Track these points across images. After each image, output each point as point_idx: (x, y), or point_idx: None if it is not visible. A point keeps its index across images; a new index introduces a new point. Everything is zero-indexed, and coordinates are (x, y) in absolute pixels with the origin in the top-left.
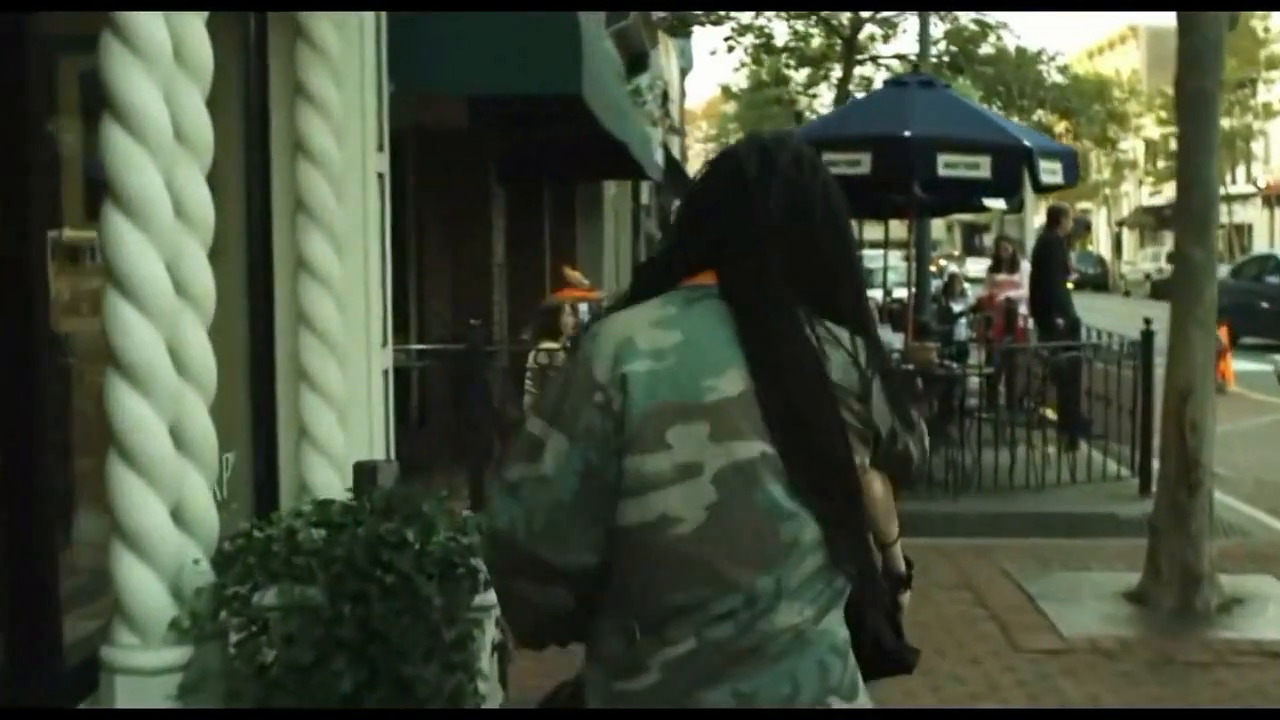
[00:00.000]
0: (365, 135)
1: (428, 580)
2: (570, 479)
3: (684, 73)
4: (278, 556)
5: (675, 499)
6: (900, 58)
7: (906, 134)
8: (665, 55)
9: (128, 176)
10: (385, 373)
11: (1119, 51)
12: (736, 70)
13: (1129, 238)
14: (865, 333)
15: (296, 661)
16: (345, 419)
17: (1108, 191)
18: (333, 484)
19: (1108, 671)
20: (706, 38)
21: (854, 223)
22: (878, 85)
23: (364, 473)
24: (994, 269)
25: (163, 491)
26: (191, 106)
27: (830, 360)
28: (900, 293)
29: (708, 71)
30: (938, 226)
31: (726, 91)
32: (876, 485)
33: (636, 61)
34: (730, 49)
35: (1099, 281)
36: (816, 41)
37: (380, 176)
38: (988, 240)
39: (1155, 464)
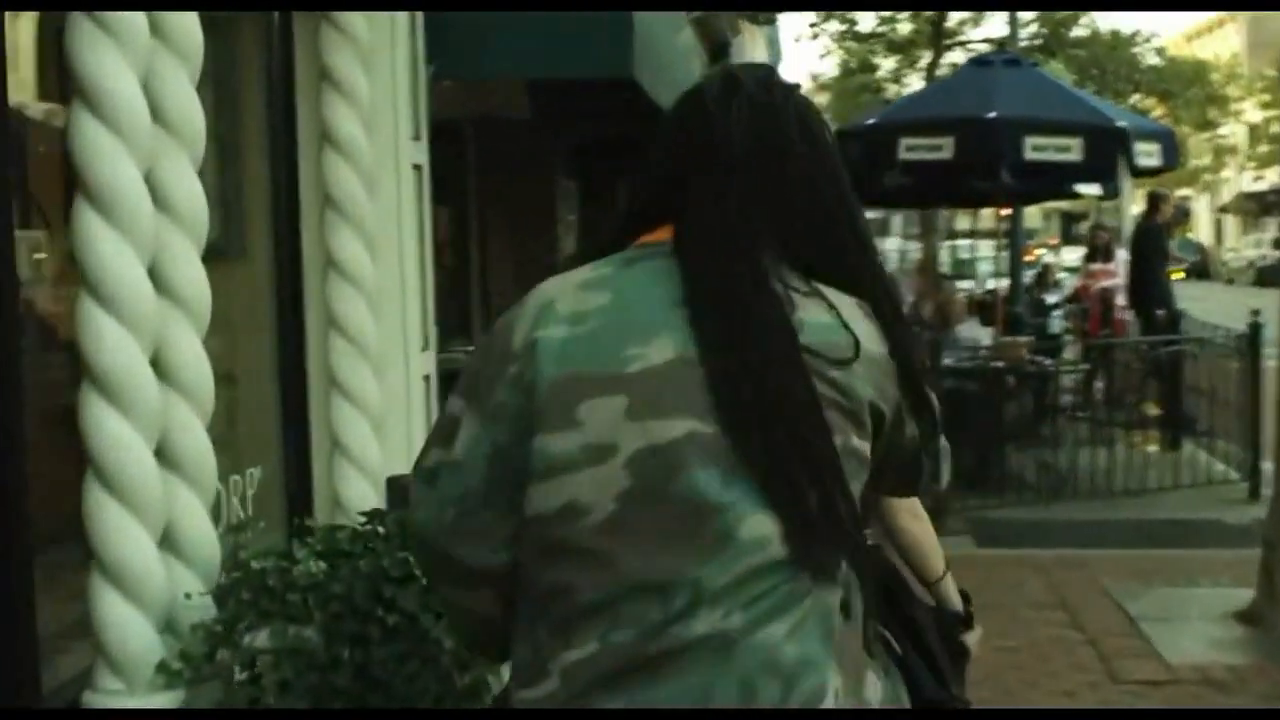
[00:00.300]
0: (399, 124)
1: (436, 620)
2: (479, 464)
3: (774, 64)
4: (272, 592)
5: (584, 485)
6: (990, 41)
7: (991, 115)
8: (752, 45)
9: (99, 168)
10: (426, 379)
11: (1217, 35)
12: (823, 57)
13: (1231, 224)
14: (874, 291)
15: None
16: (381, 429)
17: (1208, 177)
18: (368, 499)
19: (1218, 706)
20: (792, 24)
21: (941, 211)
22: None
23: (397, 489)
24: (1089, 258)
25: (146, 518)
26: (177, 90)
27: (802, 319)
28: (991, 284)
29: (799, 62)
30: (1033, 214)
31: (817, 81)
32: (910, 521)
33: (719, 51)
34: (814, 36)
35: (1200, 269)
36: (905, 27)
37: (417, 168)
38: (1083, 228)
39: (1266, 465)
